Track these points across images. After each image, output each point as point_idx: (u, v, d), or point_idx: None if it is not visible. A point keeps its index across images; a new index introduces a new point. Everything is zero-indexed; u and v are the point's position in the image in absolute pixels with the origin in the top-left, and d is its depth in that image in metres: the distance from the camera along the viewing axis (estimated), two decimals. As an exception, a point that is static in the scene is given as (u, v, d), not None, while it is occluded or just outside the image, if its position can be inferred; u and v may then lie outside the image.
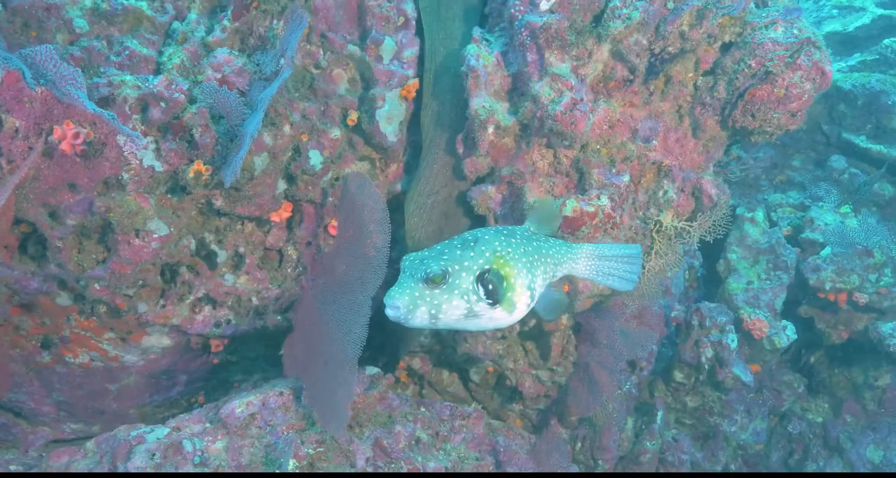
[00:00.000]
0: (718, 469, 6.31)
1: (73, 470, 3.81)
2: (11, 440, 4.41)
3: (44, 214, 3.46)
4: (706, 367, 5.77)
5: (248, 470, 3.73)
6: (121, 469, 3.64)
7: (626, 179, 3.82)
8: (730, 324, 5.77)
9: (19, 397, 4.18)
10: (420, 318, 2.77)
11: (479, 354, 4.80)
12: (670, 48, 3.76)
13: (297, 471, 3.72)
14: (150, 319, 3.88)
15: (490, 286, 2.81)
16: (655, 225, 3.98)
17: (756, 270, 6.28)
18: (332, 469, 3.84)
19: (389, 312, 2.75)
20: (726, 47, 3.85)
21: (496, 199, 3.95)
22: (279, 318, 4.12)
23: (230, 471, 3.73)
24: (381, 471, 4.00)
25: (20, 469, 4.10)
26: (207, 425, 3.93)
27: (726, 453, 6.31)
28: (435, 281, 2.72)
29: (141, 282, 3.74)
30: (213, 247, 3.84)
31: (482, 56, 3.81)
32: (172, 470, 3.64)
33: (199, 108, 3.37)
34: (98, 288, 3.67)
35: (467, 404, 4.80)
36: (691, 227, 3.96)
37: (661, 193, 3.98)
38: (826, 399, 6.87)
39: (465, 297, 2.78)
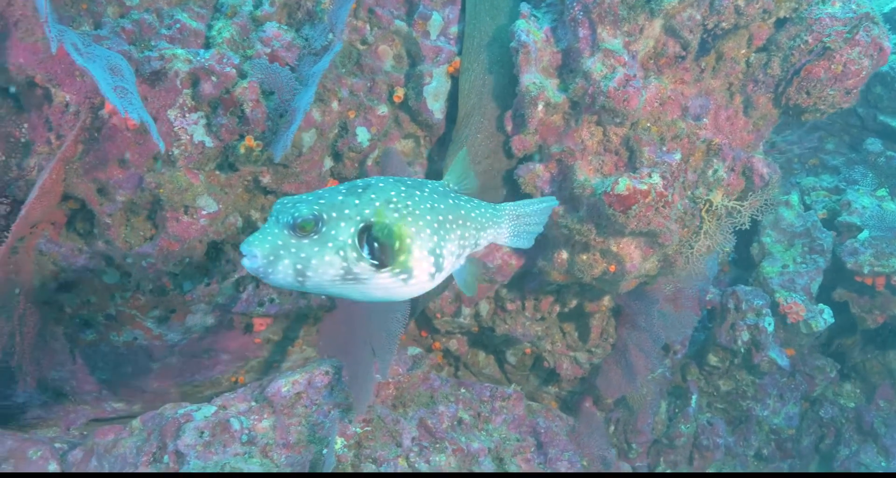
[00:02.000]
0: (751, 454, 6.28)
1: (119, 447, 3.81)
2: (53, 419, 4.41)
3: (93, 190, 3.43)
4: (742, 350, 5.72)
5: (296, 448, 3.71)
6: (170, 447, 3.63)
7: (678, 157, 3.76)
8: (766, 307, 5.72)
9: (62, 375, 4.17)
10: (283, 273, 2.22)
11: (518, 335, 4.77)
12: (724, 24, 3.69)
13: (345, 449, 3.70)
14: (195, 298, 3.86)
15: (376, 244, 2.28)
16: (705, 204, 3.93)
17: (791, 253, 6.21)
18: (378, 448, 3.82)
19: (245, 261, 2.21)
20: (781, 23, 3.77)
21: (544, 177, 3.90)
22: (323, 296, 4.09)
23: (278, 448, 3.72)
24: (426, 451, 3.98)
25: (64, 447, 4.10)
26: (253, 403, 3.92)
27: (758, 438, 6.27)
28: (304, 228, 2.20)
29: (187, 259, 3.71)
30: (260, 224, 3.80)
31: (532, 32, 3.75)
32: (221, 448, 3.63)
33: (249, 82, 3.33)
34: (145, 265, 3.65)
35: (505, 386, 4.77)
36: (742, 206, 3.90)
37: (710, 172, 3.92)
38: (859, 384, 6.82)
39: (342, 252, 2.24)
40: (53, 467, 3.91)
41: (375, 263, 2.27)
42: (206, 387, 4.49)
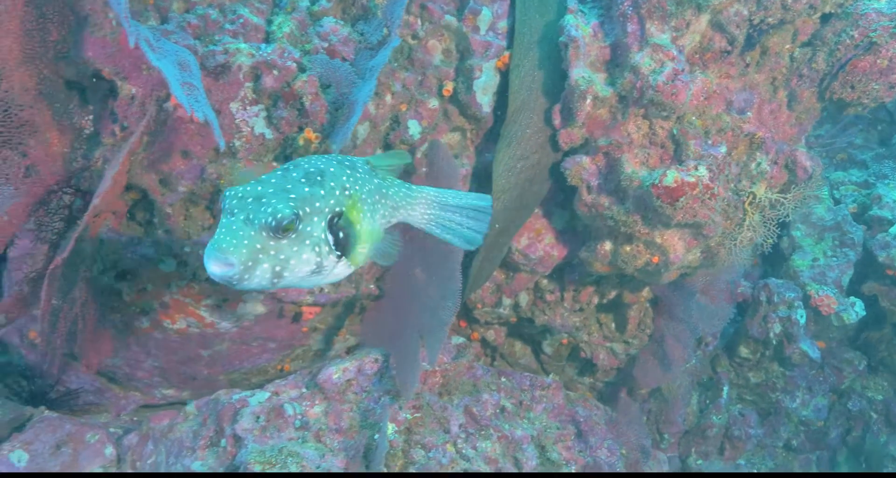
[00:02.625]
0: (780, 445, 6.35)
1: (175, 432, 3.91)
2: (104, 404, 4.52)
3: (155, 181, 3.53)
4: (773, 342, 5.79)
5: (349, 434, 3.81)
6: (227, 431, 3.73)
7: (723, 150, 3.83)
8: (798, 300, 5.78)
9: (115, 361, 4.28)
10: (259, 278, 2.07)
11: (556, 325, 4.85)
12: (770, 19, 3.75)
13: (396, 434, 3.79)
14: (250, 286, 3.95)
15: (340, 234, 2.23)
16: (748, 196, 3.99)
17: (821, 247, 6.27)
18: (427, 434, 3.91)
19: (215, 269, 2.02)
20: (826, 18, 3.83)
21: (590, 169, 3.98)
22: (372, 286, 4.18)
23: (331, 433, 3.81)
24: (472, 437, 4.07)
25: (118, 432, 4.21)
26: (304, 390, 4.02)
27: (787, 429, 6.34)
28: (287, 229, 2.06)
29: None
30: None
31: (580, 27, 3.82)
32: (276, 433, 3.72)
33: (309, 76, 3.42)
34: (202, 254, 3.74)
35: (544, 376, 4.85)
36: (785, 199, 3.96)
37: (753, 165, 3.99)
38: (886, 377, 6.86)
39: (317, 248, 2.16)
40: (110, 451, 4.02)
41: (339, 253, 2.24)
42: (252, 374, 4.58)
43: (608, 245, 4.16)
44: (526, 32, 3.96)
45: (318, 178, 2.20)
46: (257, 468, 3.45)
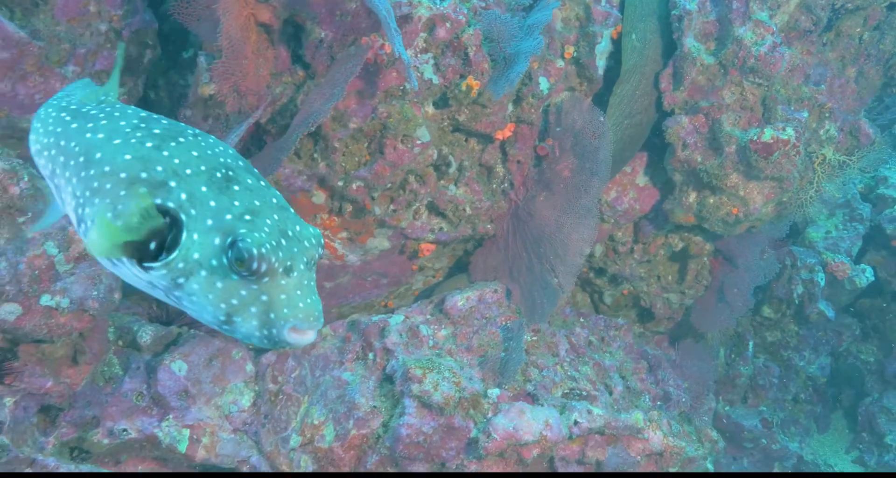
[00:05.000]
0: (789, 398, 7.08)
1: (319, 349, 4.33)
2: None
3: (329, 117, 3.94)
4: (796, 302, 6.50)
5: (477, 352, 4.29)
6: (376, 345, 4.17)
7: (806, 115, 4.46)
8: (818, 265, 6.51)
9: (245, 290, 4.65)
10: None
11: (626, 275, 5.41)
12: (849, 4, 4.41)
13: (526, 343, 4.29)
14: (387, 221, 4.39)
15: None
16: (819, 158, 4.64)
17: (833, 221, 7.02)
18: (541, 355, 4.43)
19: (311, 337, 1.77)
20: (892, 6, 4.51)
21: (688, 128, 4.56)
22: (489, 225, 4.66)
23: (461, 351, 4.29)
24: (574, 362, 4.60)
25: (251, 353, 4.59)
26: (429, 316, 4.48)
27: (796, 384, 7.08)
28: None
29: (389, 185, 4.25)
30: (450, 158, 4.36)
31: (690, 1, 4.41)
32: (415, 349, 4.18)
33: (475, 29, 3.89)
34: (355, 188, 4.17)
35: (615, 318, 5.42)
36: (851, 160, 4.63)
37: (822, 132, 4.64)
38: (876, 342, 7.68)
39: None
40: (250, 368, 4.40)
41: None
42: (360, 309, 5.01)
43: (692, 197, 4.75)
44: (636, 4, 4.52)
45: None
46: (418, 372, 3.91)
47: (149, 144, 1.81)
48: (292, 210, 1.86)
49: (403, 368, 3.98)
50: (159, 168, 1.76)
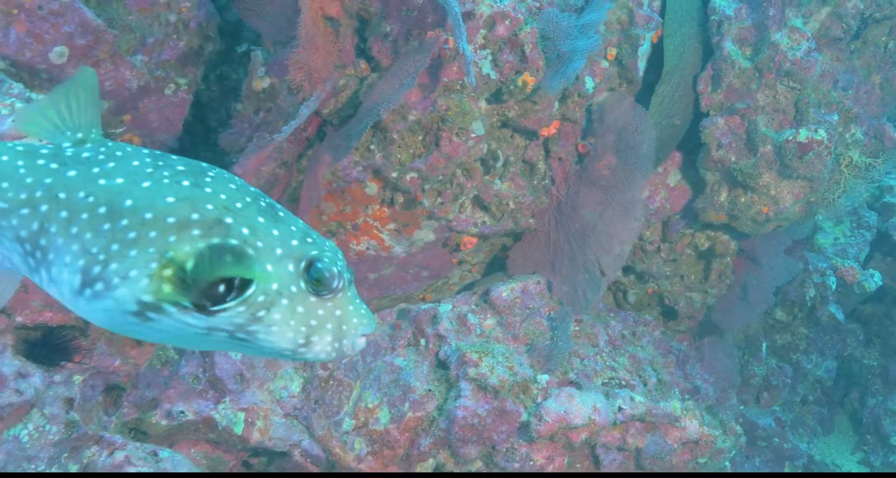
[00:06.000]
0: (797, 400, 7.28)
1: (369, 336, 4.43)
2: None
3: (389, 109, 4.09)
4: (809, 305, 6.72)
5: (523, 340, 4.43)
6: (429, 332, 4.30)
7: (836, 118, 4.69)
8: (829, 269, 6.74)
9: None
10: None
11: (653, 273, 5.59)
12: (877, 14, 4.65)
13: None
14: (436, 213, 4.53)
15: None
16: (846, 159, 4.87)
17: (841, 228, 7.27)
18: (582, 345, 4.58)
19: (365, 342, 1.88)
20: (916, 17, 4.77)
21: (723, 129, 4.76)
22: (531, 220, 4.82)
23: (507, 339, 4.43)
24: (612, 353, 4.75)
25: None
26: (474, 306, 4.62)
27: (804, 387, 7.29)
28: None
29: (440, 177, 4.39)
30: (499, 153, 4.52)
31: (728, 7, 4.63)
32: (464, 336, 4.31)
33: (531, 27, 4.07)
34: (409, 179, 4.31)
35: (643, 314, 5.59)
36: (876, 162, 4.86)
37: (848, 135, 4.87)
38: (878, 348, 7.92)
39: None
40: (299, 355, 4.50)
41: None
42: (399, 301, 5.13)
43: (724, 196, 4.94)
44: (677, 10, 4.74)
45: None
46: (474, 356, 4.04)
47: (185, 183, 1.72)
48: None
49: (458, 352, 4.11)
50: (209, 206, 1.69)
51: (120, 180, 1.71)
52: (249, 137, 4.36)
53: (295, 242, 1.75)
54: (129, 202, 1.67)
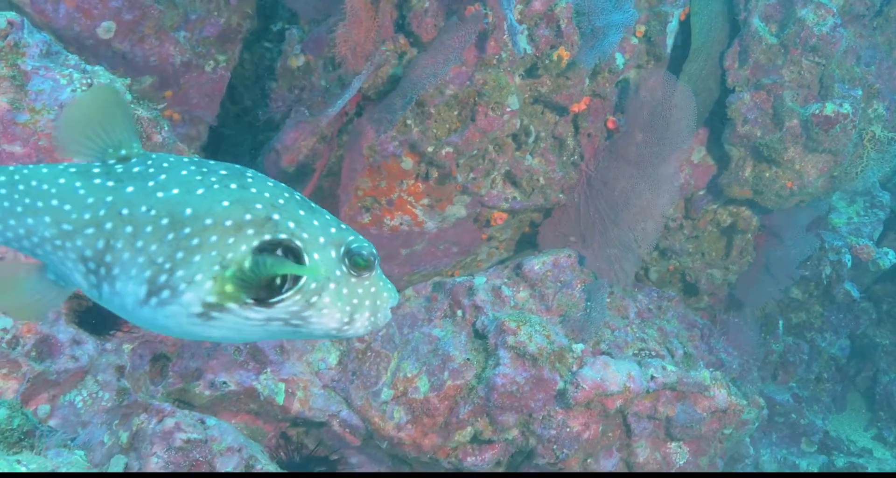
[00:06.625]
0: (812, 378, 7.39)
1: (404, 309, 4.53)
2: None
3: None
4: (825, 282, 6.82)
5: (556, 312, 4.51)
6: (465, 303, 4.39)
7: (860, 92, 4.78)
8: (845, 247, 6.85)
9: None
10: None
11: (676, 249, 5.68)
12: (899, -9, 4.74)
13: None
14: (469, 188, 4.61)
15: None
16: (868, 134, 4.96)
17: (854, 208, 7.38)
18: (613, 318, 4.67)
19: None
20: (938, -6, 4.86)
21: (749, 105, 4.85)
22: (561, 195, 4.90)
23: (540, 311, 4.51)
24: (641, 326, 4.85)
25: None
26: (507, 279, 4.70)
27: (818, 364, 7.40)
28: None
29: (475, 151, 4.47)
30: (531, 128, 4.60)
31: (755, -15, 4.72)
32: (499, 308, 4.40)
33: (567, 3, 4.15)
34: (444, 154, 4.39)
35: (666, 290, 5.68)
36: (898, 137, 4.96)
37: (870, 110, 4.96)
38: (889, 326, 8.04)
39: None
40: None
41: None
42: (429, 277, 5.21)
43: (749, 171, 5.03)
44: (703, -11, 4.82)
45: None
46: (512, 325, 4.13)
47: (233, 186, 1.83)
48: None
49: (496, 322, 4.20)
50: (258, 205, 1.81)
51: (176, 191, 1.80)
52: (285, 114, 4.45)
53: (333, 230, 1.88)
54: (189, 211, 1.77)
